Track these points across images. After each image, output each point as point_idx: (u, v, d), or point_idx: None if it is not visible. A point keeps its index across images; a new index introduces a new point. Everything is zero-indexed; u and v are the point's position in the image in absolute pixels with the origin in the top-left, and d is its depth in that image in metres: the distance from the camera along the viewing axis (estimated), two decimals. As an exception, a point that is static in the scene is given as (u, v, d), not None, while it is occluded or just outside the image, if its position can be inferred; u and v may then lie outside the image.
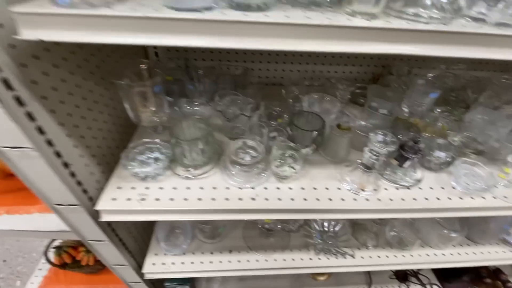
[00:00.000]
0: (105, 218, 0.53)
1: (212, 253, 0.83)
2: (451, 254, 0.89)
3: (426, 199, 0.60)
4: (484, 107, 0.78)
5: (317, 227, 0.89)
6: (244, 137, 0.70)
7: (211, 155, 0.61)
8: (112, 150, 0.65)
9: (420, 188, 0.63)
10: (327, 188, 0.60)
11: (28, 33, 0.33)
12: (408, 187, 0.62)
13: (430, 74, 0.90)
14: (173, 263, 0.79)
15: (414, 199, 0.60)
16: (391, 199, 0.60)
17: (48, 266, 1.15)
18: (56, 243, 1.07)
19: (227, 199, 0.55)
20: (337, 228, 0.89)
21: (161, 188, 0.56)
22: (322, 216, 0.58)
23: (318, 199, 0.58)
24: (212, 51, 0.88)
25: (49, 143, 0.45)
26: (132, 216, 0.53)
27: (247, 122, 0.67)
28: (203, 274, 0.80)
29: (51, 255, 1.04)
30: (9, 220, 0.64)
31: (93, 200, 0.58)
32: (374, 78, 0.97)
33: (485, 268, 1.23)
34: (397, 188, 0.62)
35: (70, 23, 0.33)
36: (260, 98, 0.83)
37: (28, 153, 0.42)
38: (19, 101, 0.38)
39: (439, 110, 0.83)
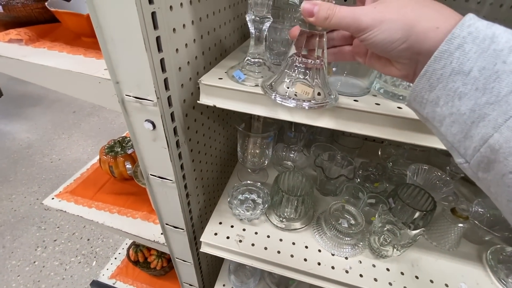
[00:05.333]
0: (204, 249, 0.58)
1: (275, 301, 0.81)
2: None
3: None
4: None
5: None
6: (337, 195, 0.69)
7: (307, 210, 0.61)
8: (212, 181, 0.72)
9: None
10: (431, 281, 0.53)
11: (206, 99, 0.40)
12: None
13: None
14: (237, 299, 0.80)
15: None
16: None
17: (121, 257, 1.30)
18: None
19: (319, 263, 0.54)
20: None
21: (256, 233, 0.59)
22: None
23: (419, 292, 0.51)
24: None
25: (184, 177, 0.52)
26: (228, 254, 0.56)
27: (344, 182, 0.66)
28: (264, 321, 0.79)
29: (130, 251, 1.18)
30: (118, 220, 0.76)
31: (194, 226, 0.64)
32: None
33: None
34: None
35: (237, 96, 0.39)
36: (356, 155, 0.82)
37: (167, 184, 0.50)
38: (177, 144, 0.46)
39: None
